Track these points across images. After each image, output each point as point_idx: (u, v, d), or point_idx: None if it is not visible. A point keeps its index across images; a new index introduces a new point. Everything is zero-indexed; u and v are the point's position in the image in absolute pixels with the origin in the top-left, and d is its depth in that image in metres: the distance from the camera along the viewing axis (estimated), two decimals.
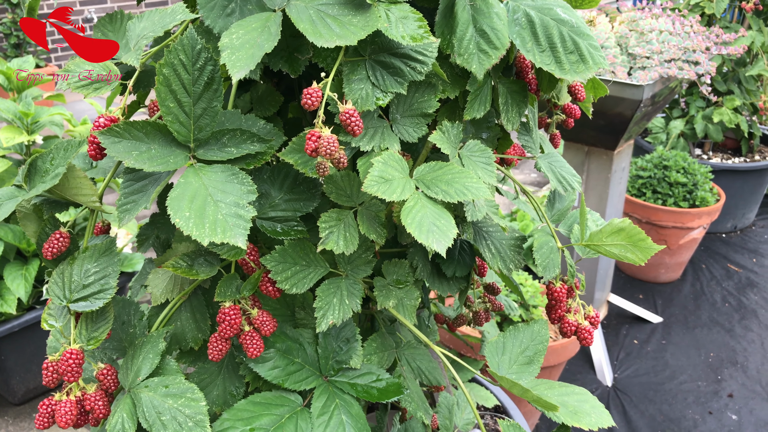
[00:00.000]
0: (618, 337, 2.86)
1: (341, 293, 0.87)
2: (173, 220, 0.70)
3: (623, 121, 2.28)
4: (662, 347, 2.81)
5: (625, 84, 2.13)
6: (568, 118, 1.17)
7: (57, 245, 0.82)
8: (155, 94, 0.72)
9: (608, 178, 2.56)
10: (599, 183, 2.59)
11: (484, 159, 0.86)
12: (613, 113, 2.27)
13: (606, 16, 2.41)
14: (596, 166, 2.57)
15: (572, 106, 1.11)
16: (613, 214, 2.69)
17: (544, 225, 0.97)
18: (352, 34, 0.71)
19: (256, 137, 0.77)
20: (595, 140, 2.49)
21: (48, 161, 0.79)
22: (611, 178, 2.56)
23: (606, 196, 2.61)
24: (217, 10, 0.82)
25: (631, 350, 2.79)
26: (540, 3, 0.84)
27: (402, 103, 0.84)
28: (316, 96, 0.72)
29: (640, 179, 3.07)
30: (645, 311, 2.97)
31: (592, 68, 0.84)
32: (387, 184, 0.76)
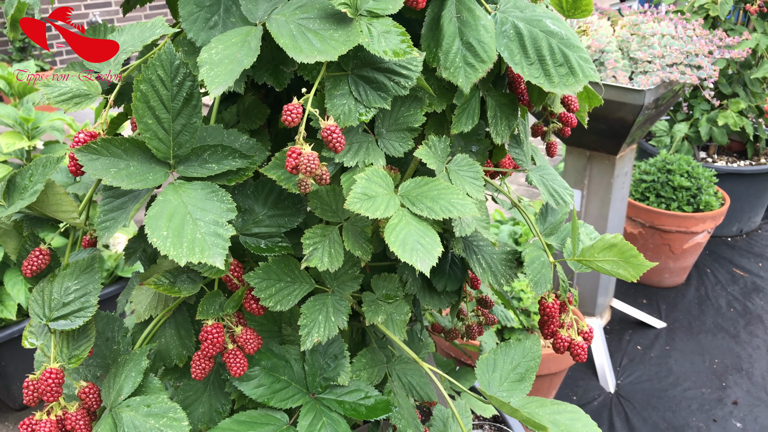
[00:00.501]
0: (621, 343, 2.83)
1: (327, 310, 0.85)
2: (150, 239, 0.69)
3: (625, 126, 2.25)
4: (666, 353, 2.78)
5: (626, 89, 2.11)
6: (565, 127, 1.15)
7: (36, 263, 0.80)
8: (132, 110, 0.71)
9: (610, 182, 2.54)
10: (601, 188, 2.57)
11: (472, 173, 0.85)
12: (615, 118, 2.25)
13: (608, 19, 2.39)
14: (598, 171, 2.55)
15: (568, 115, 1.09)
16: (615, 219, 2.67)
17: (536, 239, 0.96)
18: (333, 50, 0.70)
19: (237, 153, 0.76)
20: (596, 145, 2.46)
21: (27, 177, 0.78)
22: (614, 183, 2.54)
23: (608, 201, 2.58)
24: (199, 23, 0.81)
25: (634, 356, 2.76)
26: (529, 14, 0.82)
27: (387, 118, 0.82)
28: (296, 112, 0.70)
29: (644, 183, 3.04)
30: (648, 316, 2.95)
31: (582, 81, 0.82)
32: (370, 201, 0.75)
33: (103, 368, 0.89)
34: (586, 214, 2.66)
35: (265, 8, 0.75)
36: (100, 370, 0.89)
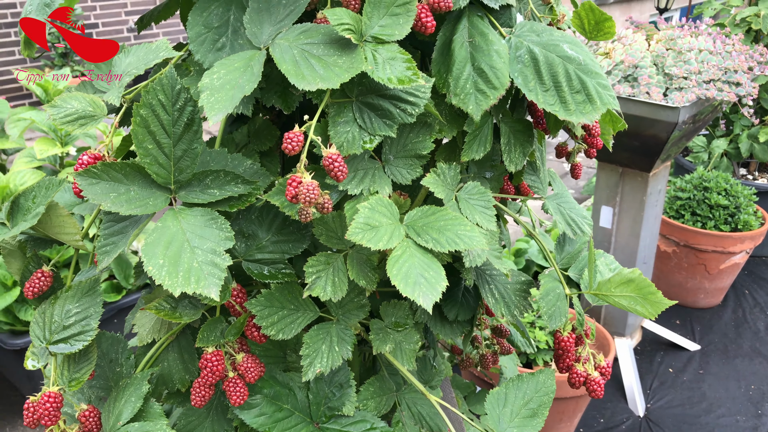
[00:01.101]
0: (652, 365, 2.75)
1: (331, 339, 0.83)
2: (146, 268, 0.68)
3: (658, 143, 2.19)
4: (699, 377, 2.69)
5: (660, 106, 2.05)
6: (590, 149, 1.11)
7: (38, 284, 0.80)
8: (132, 135, 0.70)
9: (643, 200, 2.47)
10: (634, 205, 2.50)
11: (482, 202, 0.82)
12: (648, 135, 2.19)
13: (643, 33, 2.33)
14: (631, 188, 2.48)
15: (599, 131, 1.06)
16: (648, 237, 2.60)
17: (551, 269, 0.92)
18: (335, 76, 0.67)
19: (240, 179, 0.74)
20: (629, 161, 2.40)
21: (30, 199, 0.77)
22: (646, 201, 2.47)
23: (641, 219, 2.51)
24: (207, 44, 0.80)
25: (665, 379, 2.68)
26: (546, 39, 0.79)
27: (395, 144, 0.79)
28: (296, 140, 0.68)
29: (679, 200, 2.96)
30: (682, 338, 2.86)
31: (599, 109, 0.78)
32: (373, 232, 0.72)
33: (105, 390, 0.88)
34: (617, 231, 2.60)
35: (269, 32, 0.73)
36: (102, 391, 0.88)
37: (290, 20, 0.73)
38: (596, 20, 0.92)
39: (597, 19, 0.91)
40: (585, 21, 0.92)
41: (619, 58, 2.14)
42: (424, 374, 1.10)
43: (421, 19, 0.72)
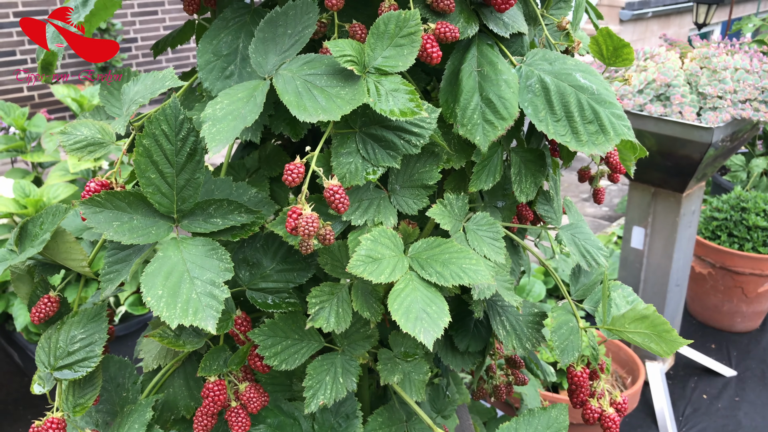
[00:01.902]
0: (685, 391, 2.67)
1: (335, 370, 0.82)
2: (145, 298, 0.67)
3: (691, 163, 2.13)
4: (735, 405, 2.60)
5: (693, 126, 1.99)
6: (614, 173, 1.09)
7: (44, 310, 0.80)
8: (134, 165, 0.70)
9: (676, 221, 2.41)
10: (666, 226, 2.44)
11: (491, 234, 0.80)
12: (680, 155, 2.13)
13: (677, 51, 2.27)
14: (663, 209, 2.42)
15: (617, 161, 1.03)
16: (681, 259, 2.53)
17: (565, 302, 0.89)
18: (337, 109, 0.67)
19: (243, 208, 0.74)
20: (661, 182, 2.34)
21: (38, 225, 0.78)
22: (680, 222, 2.41)
23: (673, 241, 2.45)
24: (216, 72, 0.80)
25: (699, 406, 2.60)
26: (558, 67, 0.77)
27: (402, 173, 0.78)
28: (297, 172, 0.68)
29: (715, 221, 2.88)
30: (717, 363, 2.77)
31: (612, 140, 0.76)
32: (375, 264, 0.71)
33: (112, 415, 0.88)
34: (649, 253, 2.54)
35: (274, 62, 0.72)
36: (109, 416, 0.88)
37: (295, 50, 0.72)
38: (614, 46, 0.89)
39: (615, 45, 0.89)
40: (603, 47, 0.90)
41: (652, 76, 2.10)
42: (437, 403, 1.07)
43: (427, 50, 0.70)
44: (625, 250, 2.61)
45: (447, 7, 0.72)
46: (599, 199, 1.11)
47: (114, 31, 5.57)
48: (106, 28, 5.46)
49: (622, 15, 5.84)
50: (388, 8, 0.72)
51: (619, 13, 5.86)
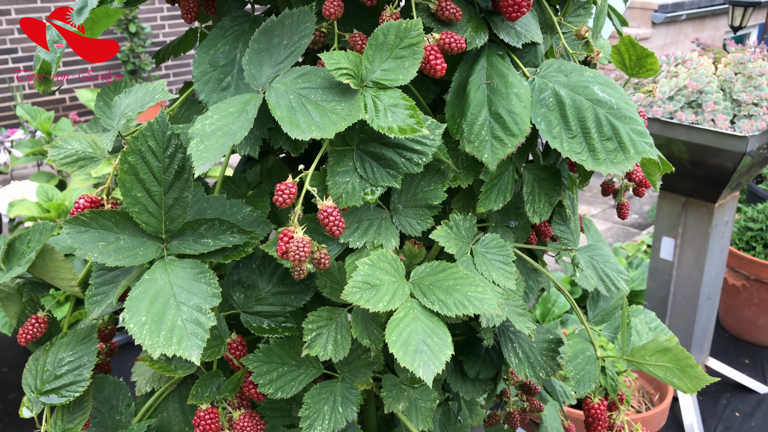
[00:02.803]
0: (716, 408, 2.57)
1: (335, 399, 0.77)
2: (127, 325, 0.64)
3: (724, 173, 2.05)
4: None
5: (726, 134, 1.91)
6: (639, 188, 1.03)
7: (32, 331, 0.77)
8: (119, 184, 0.66)
9: (708, 232, 2.32)
10: (697, 237, 2.35)
11: (501, 257, 0.74)
12: (713, 164, 2.05)
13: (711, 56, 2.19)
14: (694, 219, 2.33)
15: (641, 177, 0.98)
16: (713, 271, 2.44)
17: (582, 328, 0.84)
18: (332, 125, 0.62)
19: (236, 228, 0.70)
20: (693, 191, 2.26)
21: (25, 243, 0.75)
22: (711, 233, 2.32)
23: (705, 252, 2.36)
24: (212, 83, 0.76)
25: (731, 424, 2.50)
26: (574, 80, 0.72)
27: (405, 192, 0.73)
28: (288, 192, 0.63)
29: (750, 231, 2.77)
30: (750, 379, 2.66)
31: (633, 158, 0.70)
32: (373, 291, 0.66)
33: None
34: (679, 264, 2.45)
35: (268, 75, 0.68)
36: None
37: (290, 62, 0.68)
38: (637, 56, 0.83)
39: (638, 55, 0.83)
40: (625, 56, 0.84)
41: (683, 82, 2.02)
42: (448, 428, 1.02)
43: (430, 62, 0.66)
44: (654, 260, 2.52)
45: (453, 15, 0.67)
46: (623, 214, 1.05)
47: (143, 35, 5.61)
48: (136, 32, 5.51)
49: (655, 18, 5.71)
50: (390, 17, 0.68)
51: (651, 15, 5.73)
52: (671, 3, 5.90)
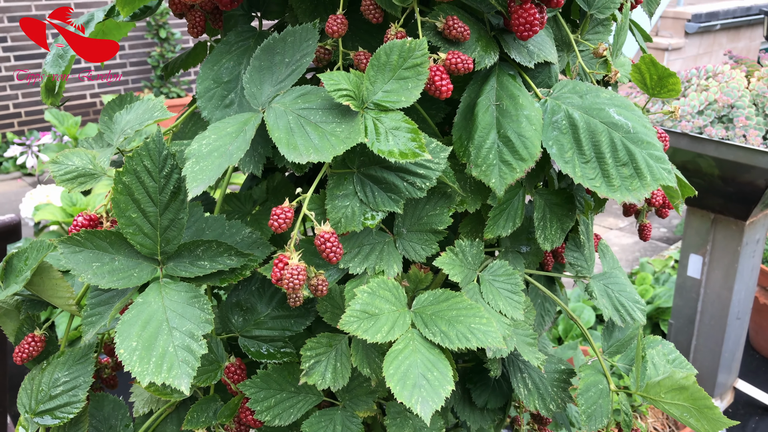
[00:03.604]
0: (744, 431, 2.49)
1: (334, 428, 0.75)
2: (117, 350, 0.62)
3: (755, 190, 1.98)
4: None
5: (758, 151, 1.85)
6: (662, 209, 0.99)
7: (27, 350, 0.76)
8: (112, 204, 0.64)
9: (738, 250, 2.25)
10: (726, 255, 2.28)
11: (509, 286, 0.71)
12: (743, 181, 1.98)
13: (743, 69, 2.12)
14: (723, 237, 2.26)
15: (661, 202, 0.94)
16: (743, 291, 2.36)
17: (595, 359, 0.80)
18: (330, 148, 0.60)
19: (233, 251, 0.68)
20: (722, 208, 2.19)
21: (23, 261, 0.74)
22: (742, 251, 2.25)
23: (734, 271, 2.29)
24: (215, 100, 0.74)
25: None
26: (589, 102, 0.68)
27: (409, 216, 0.71)
28: (284, 217, 0.61)
29: None
30: None
31: (649, 185, 0.66)
32: (371, 320, 0.63)
33: None
34: (707, 283, 2.38)
35: (268, 93, 0.66)
36: None
37: (291, 80, 0.66)
38: (659, 75, 0.80)
39: (660, 75, 0.80)
40: (646, 76, 0.81)
41: (713, 96, 1.96)
42: None
43: (435, 83, 0.63)
44: (680, 277, 2.45)
45: (460, 35, 0.64)
46: (645, 235, 1.01)
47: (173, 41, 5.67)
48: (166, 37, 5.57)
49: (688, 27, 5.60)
50: (395, 36, 0.65)
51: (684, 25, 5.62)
52: (705, 12, 5.78)
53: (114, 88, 5.22)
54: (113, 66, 5.25)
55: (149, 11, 0.84)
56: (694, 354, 2.45)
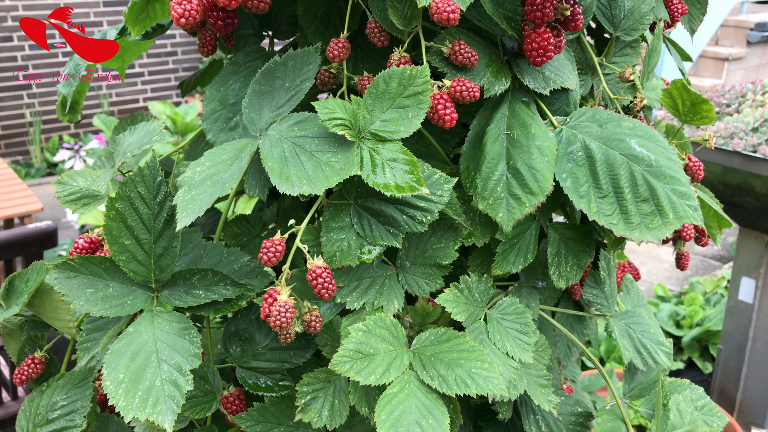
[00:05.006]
0: None
1: None
2: (104, 383, 0.60)
3: None
4: None
5: None
6: (701, 237, 0.93)
7: (27, 372, 0.75)
8: (104, 231, 0.63)
9: None
10: None
11: (518, 326, 0.67)
12: None
13: None
14: None
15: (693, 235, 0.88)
16: None
17: (613, 404, 0.75)
18: (324, 180, 0.57)
19: (229, 280, 0.65)
20: None
21: (24, 282, 0.73)
22: None
23: None
24: (220, 123, 0.73)
25: None
26: (609, 132, 0.64)
27: (413, 247, 0.67)
28: (274, 251, 0.58)
29: None
30: None
31: (671, 224, 0.61)
32: (365, 361, 0.60)
33: None
34: (760, 308, 2.26)
35: (267, 119, 0.64)
36: None
37: (290, 106, 0.63)
38: (692, 101, 0.74)
39: (693, 101, 0.74)
40: (678, 101, 0.75)
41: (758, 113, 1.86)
42: None
43: (438, 111, 0.59)
44: (732, 300, 2.34)
45: (467, 60, 0.60)
46: (682, 265, 0.95)
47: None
48: None
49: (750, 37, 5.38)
50: (398, 61, 0.62)
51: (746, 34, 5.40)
52: None
53: (165, 93, 5.32)
54: (166, 71, 5.35)
55: (161, 29, 0.83)
56: (745, 382, 2.33)
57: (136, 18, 0.77)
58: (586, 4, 0.69)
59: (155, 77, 5.30)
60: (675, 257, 0.94)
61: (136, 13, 0.77)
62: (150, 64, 5.31)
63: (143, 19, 0.78)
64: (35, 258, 1.81)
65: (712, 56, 5.32)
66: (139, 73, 5.37)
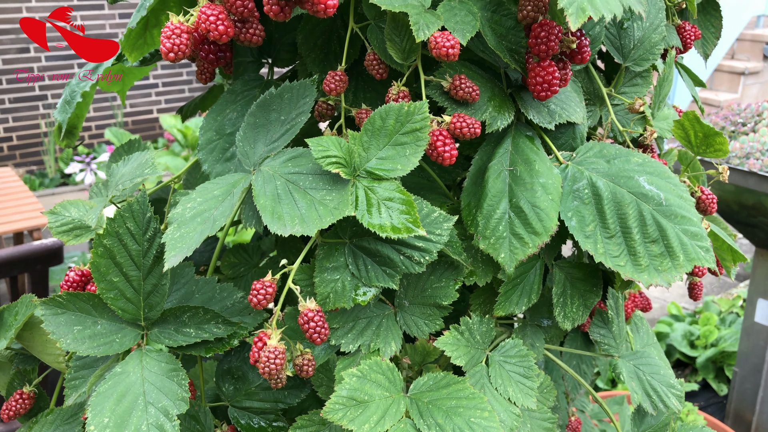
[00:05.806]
0: None
1: None
2: (88, 427, 0.58)
3: None
4: None
5: None
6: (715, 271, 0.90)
7: (14, 407, 0.73)
8: (91, 268, 0.61)
9: None
10: None
11: (522, 369, 0.64)
12: None
13: None
14: None
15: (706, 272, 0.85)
16: None
17: None
18: (317, 219, 0.54)
19: (220, 318, 0.63)
20: None
21: (13, 315, 0.71)
22: None
23: None
24: (216, 153, 0.71)
25: None
26: (617, 168, 0.61)
27: (413, 286, 0.64)
28: (264, 293, 0.56)
29: None
30: None
31: (682, 266, 0.58)
32: (359, 408, 0.57)
33: None
34: None
35: (260, 153, 0.62)
36: None
37: (285, 140, 0.61)
38: (704, 133, 0.71)
39: (705, 133, 0.71)
40: (690, 133, 0.72)
41: None
42: None
43: (437, 149, 0.57)
44: (747, 321, 2.29)
45: (468, 95, 0.58)
46: (695, 295, 0.92)
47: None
48: None
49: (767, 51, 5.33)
50: (397, 96, 0.59)
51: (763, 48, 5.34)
52: None
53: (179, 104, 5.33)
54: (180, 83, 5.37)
55: (159, 56, 0.81)
56: (761, 406, 2.27)
57: (132, 45, 0.76)
58: (594, 34, 0.66)
59: (169, 88, 5.32)
60: (688, 287, 0.91)
61: (133, 40, 0.75)
62: (164, 75, 5.33)
63: (140, 45, 0.77)
64: (41, 275, 1.80)
65: (728, 70, 5.27)
66: (153, 84, 5.39)
